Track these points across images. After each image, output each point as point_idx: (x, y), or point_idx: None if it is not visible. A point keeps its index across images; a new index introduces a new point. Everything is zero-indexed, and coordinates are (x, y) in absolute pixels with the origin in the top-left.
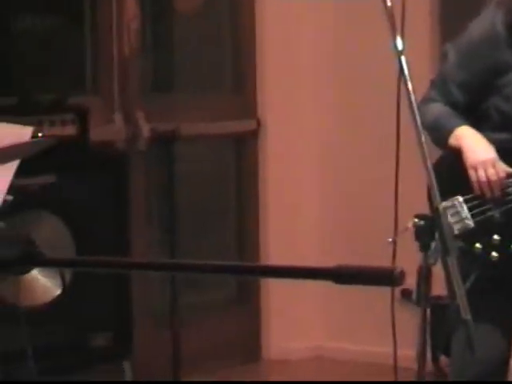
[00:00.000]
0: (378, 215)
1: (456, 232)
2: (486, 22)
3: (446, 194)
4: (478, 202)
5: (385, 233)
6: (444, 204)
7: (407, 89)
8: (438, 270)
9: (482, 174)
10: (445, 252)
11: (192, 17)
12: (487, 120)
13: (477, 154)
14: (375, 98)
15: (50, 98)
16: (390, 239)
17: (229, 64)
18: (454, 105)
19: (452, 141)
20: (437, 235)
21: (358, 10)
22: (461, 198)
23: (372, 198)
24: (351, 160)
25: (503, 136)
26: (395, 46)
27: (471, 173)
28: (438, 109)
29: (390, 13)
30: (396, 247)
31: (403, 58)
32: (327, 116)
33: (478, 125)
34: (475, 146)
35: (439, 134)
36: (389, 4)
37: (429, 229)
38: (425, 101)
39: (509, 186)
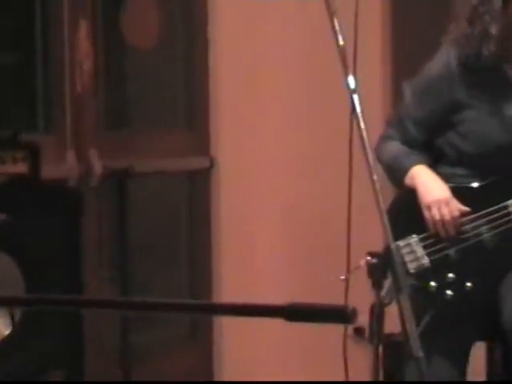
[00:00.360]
0: (331, 253)
1: (411, 271)
2: (441, 60)
3: (402, 233)
4: (433, 240)
5: (338, 271)
6: (399, 243)
7: (359, 127)
8: (393, 308)
9: (436, 213)
10: (397, 290)
11: (145, 53)
12: (444, 156)
13: (431, 194)
14: (329, 136)
15: (1, 135)
16: (343, 277)
17: (182, 101)
18: (411, 142)
19: (407, 180)
20: (389, 273)
21: (312, 49)
22: (416, 237)
23: (325, 235)
24: (304, 197)
25: (459, 171)
26: (347, 85)
27: (426, 212)
28: (394, 148)
29: (342, 51)
30: (349, 285)
31: (355, 97)
32: (281, 154)
33: (436, 161)
34: (429, 185)
35: (395, 173)
36: (341, 43)
37: (381, 266)
38: (382, 139)
39: (464, 225)
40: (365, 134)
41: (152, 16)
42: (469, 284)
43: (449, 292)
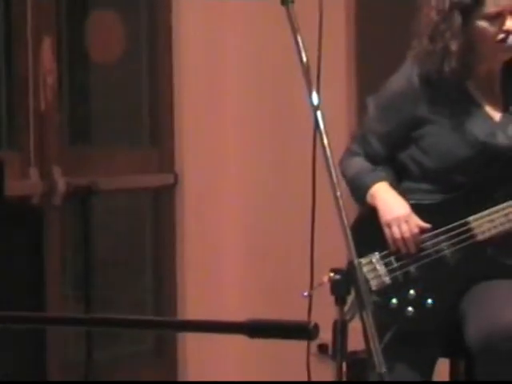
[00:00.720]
0: (294, 269)
1: (373, 288)
2: (403, 76)
3: (365, 250)
4: (394, 257)
5: (302, 287)
6: (361, 261)
7: (323, 143)
8: (356, 324)
9: (395, 230)
10: (360, 306)
11: (110, 69)
12: (407, 171)
13: (390, 212)
14: (292, 153)
15: None
16: (306, 293)
17: (146, 117)
18: (374, 157)
19: (368, 198)
20: (353, 289)
21: (276, 66)
22: (378, 255)
23: (288, 251)
24: (268, 213)
25: (423, 186)
26: (311, 101)
27: (386, 230)
28: (357, 164)
29: (305, 68)
30: (312, 301)
31: (319, 113)
32: (244, 170)
33: (400, 176)
34: (389, 203)
35: (357, 191)
36: (304, 59)
37: (345, 283)
38: (346, 154)
39: (424, 241)
40: (328, 150)
41: (116, 31)
42: (430, 300)
43: (410, 309)
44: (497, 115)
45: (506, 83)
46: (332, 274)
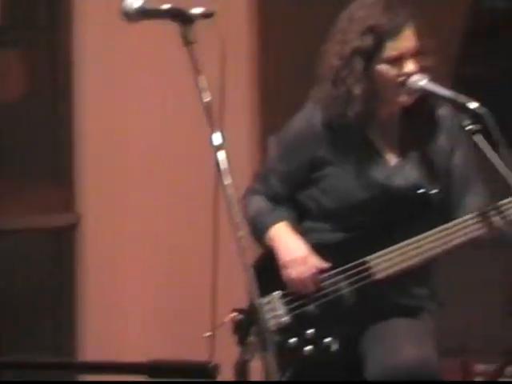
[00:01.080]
0: (197, 309)
1: (273, 327)
2: (305, 117)
3: (266, 290)
4: (293, 297)
5: (204, 326)
6: (261, 300)
7: (225, 184)
8: (257, 363)
9: (293, 272)
10: (262, 346)
11: (10, 107)
12: (307, 210)
13: (288, 253)
14: (195, 193)
15: None
16: (208, 334)
17: (48, 156)
18: (275, 196)
19: (267, 240)
20: (254, 329)
21: (178, 105)
22: (277, 294)
23: (191, 291)
24: (171, 253)
25: (323, 226)
26: (213, 141)
27: (284, 271)
28: (258, 204)
29: (208, 108)
30: (215, 341)
31: (221, 153)
32: (147, 210)
33: (301, 215)
34: (286, 245)
35: (256, 231)
36: (206, 99)
37: (246, 323)
38: (248, 193)
39: (323, 281)
40: (230, 190)
41: (17, 69)
42: (328, 339)
43: (308, 348)
44: (394, 159)
45: (403, 128)
46: (234, 314)
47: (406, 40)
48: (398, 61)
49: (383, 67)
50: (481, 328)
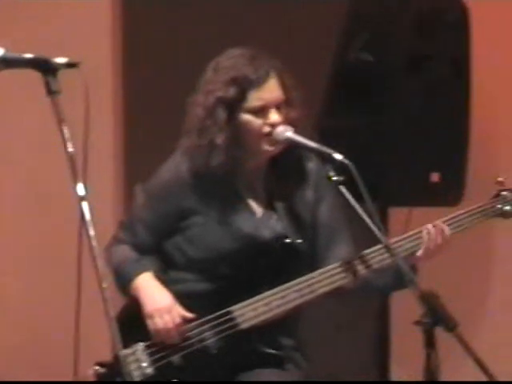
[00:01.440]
0: (58, 362)
1: (137, 379)
2: (172, 167)
3: (130, 341)
4: (157, 348)
5: (66, 380)
6: (125, 351)
7: (89, 235)
8: None
9: (158, 321)
10: None
11: None
12: (172, 260)
13: (152, 303)
14: (57, 243)
15: None
16: None
17: None
18: (141, 246)
19: (132, 290)
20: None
21: (42, 156)
22: (141, 345)
23: (52, 345)
24: (32, 305)
25: (188, 276)
26: (77, 192)
27: (148, 322)
28: (122, 253)
29: (71, 158)
30: None
31: (85, 204)
32: (8, 260)
33: (166, 265)
34: (151, 294)
35: (121, 281)
36: (70, 150)
37: (110, 376)
38: (113, 241)
39: (188, 331)
40: (94, 241)
41: None
42: None
43: None
44: (260, 210)
45: (270, 179)
46: (97, 368)
47: (270, 90)
48: (262, 111)
49: (247, 117)
50: (346, 378)
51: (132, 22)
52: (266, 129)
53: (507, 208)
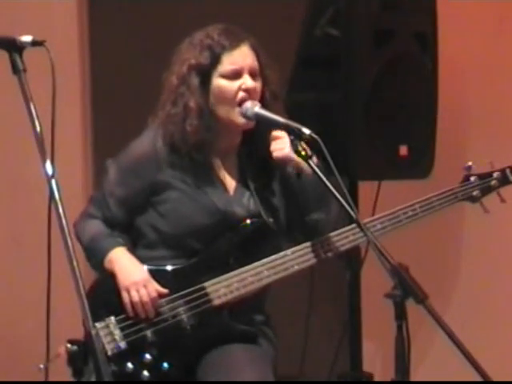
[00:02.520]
0: (29, 340)
1: (109, 353)
2: (145, 142)
3: (102, 316)
4: (131, 322)
5: (38, 359)
6: (98, 325)
7: (58, 213)
8: None
9: (134, 295)
10: (97, 376)
11: None
12: (143, 237)
13: (129, 276)
14: (28, 223)
15: None
16: (42, 366)
17: None
18: (112, 221)
19: (106, 264)
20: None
21: (8, 135)
22: (114, 319)
23: (24, 322)
24: (2, 285)
25: (159, 252)
26: (45, 170)
27: (124, 295)
28: (94, 228)
29: (39, 137)
30: (49, 374)
31: (54, 182)
32: None
33: (135, 242)
34: (127, 268)
35: (94, 257)
36: (38, 128)
37: (82, 354)
38: (83, 217)
39: (162, 306)
40: (64, 219)
41: None
42: (166, 364)
43: (145, 373)
44: (233, 187)
45: (243, 157)
46: (69, 345)
47: (243, 55)
48: (235, 76)
49: (220, 82)
50: (317, 352)
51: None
52: (240, 94)
53: (475, 193)
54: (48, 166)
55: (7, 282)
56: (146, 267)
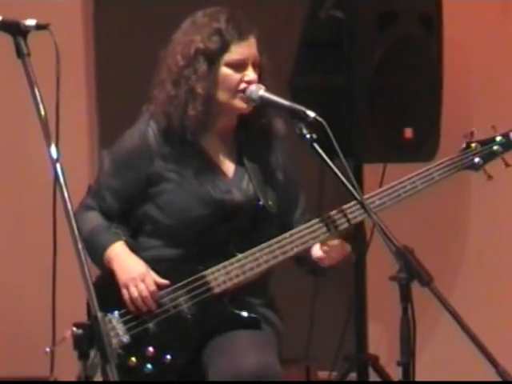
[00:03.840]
0: (36, 324)
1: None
2: (138, 132)
3: (105, 310)
4: (133, 315)
5: (44, 342)
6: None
7: (63, 197)
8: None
9: (133, 290)
10: (104, 360)
11: None
12: (143, 227)
13: (126, 272)
14: (32, 207)
15: None
16: (48, 349)
17: None
18: (108, 212)
19: (105, 260)
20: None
21: (12, 119)
22: (116, 313)
23: (29, 306)
24: (8, 268)
25: (159, 242)
26: (50, 154)
27: (123, 291)
28: (92, 221)
29: (43, 121)
30: (55, 357)
31: (59, 166)
32: None
33: (135, 232)
34: (124, 264)
35: (93, 252)
36: (42, 112)
37: (87, 337)
38: (81, 208)
39: (162, 297)
40: (69, 204)
41: None
42: (168, 356)
43: (149, 366)
44: (231, 172)
45: (240, 141)
46: (74, 329)
47: (250, 47)
48: (240, 66)
49: (226, 70)
50: (323, 335)
51: None
52: (242, 85)
53: (477, 160)
54: (53, 149)
55: (13, 265)
56: (145, 257)
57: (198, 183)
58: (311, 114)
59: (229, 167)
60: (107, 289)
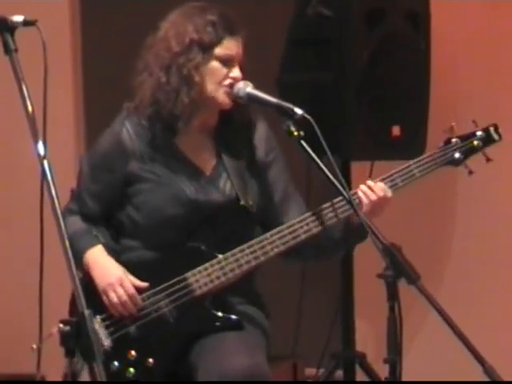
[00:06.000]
0: (22, 320)
1: None
2: (112, 134)
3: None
4: (114, 320)
5: (31, 339)
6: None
7: (51, 193)
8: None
9: (112, 295)
10: (90, 357)
11: None
12: (123, 228)
13: (104, 278)
14: (19, 204)
15: None
16: (35, 346)
17: None
18: (89, 215)
19: (84, 266)
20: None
21: (2, 116)
22: (98, 318)
23: (17, 303)
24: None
25: (139, 244)
26: (37, 151)
27: (103, 298)
28: (73, 225)
29: (31, 118)
30: (41, 353)
31: (46, 163)
32: None
33: (118, 233)
34: (101, 270)
35: (74, 257)
36: (30, 109)
37: (74, 334)
38: (65, 212)
39: (143, 300)
40: (56, 201)
41: None
42: (151, 360)
43: (131, 370)
44: (208, 171)
45: (219, 139)
46: (61, 326)
47: (239, 46)
48: (228, 62)
49: (214, 64)
50: (310, 332)
51: None
52: (228, 80)
53: (457, 155)
54: (40, 146)
55: (0, 263)
56: (125, 260)
57: (173, 183)
58: (299, 111)
59: (207, 165)
60: (88, 294)
